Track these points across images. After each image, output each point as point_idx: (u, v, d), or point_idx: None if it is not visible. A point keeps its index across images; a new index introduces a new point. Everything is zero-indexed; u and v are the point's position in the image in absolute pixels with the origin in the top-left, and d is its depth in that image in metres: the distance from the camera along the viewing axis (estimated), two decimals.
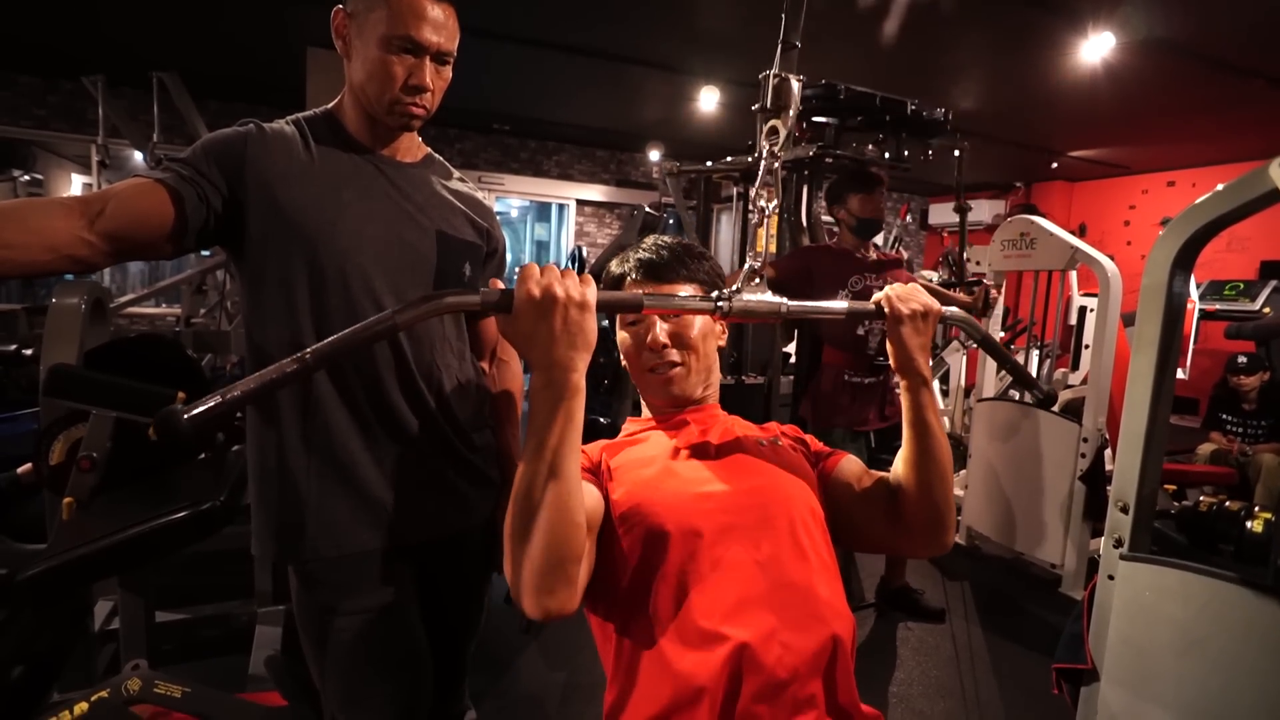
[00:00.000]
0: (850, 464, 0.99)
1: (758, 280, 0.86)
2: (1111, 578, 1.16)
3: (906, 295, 0.90)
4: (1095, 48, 3.81)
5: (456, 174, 1.20)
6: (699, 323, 0.98)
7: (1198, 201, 1.00)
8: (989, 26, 3.72)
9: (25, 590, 1.25)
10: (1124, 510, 1.16)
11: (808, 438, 1.04)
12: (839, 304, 0.92)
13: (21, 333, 3.35)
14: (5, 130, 5.28)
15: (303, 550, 1.01)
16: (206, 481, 1.52)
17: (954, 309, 0.95)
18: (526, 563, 0.72)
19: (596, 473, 0.90)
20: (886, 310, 0.90)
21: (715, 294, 0.85)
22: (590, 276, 0.74)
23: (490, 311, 0.71)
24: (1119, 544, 1.16)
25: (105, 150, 4.06)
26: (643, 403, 1.07)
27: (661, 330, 0.96)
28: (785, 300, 0.86)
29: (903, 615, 2.63)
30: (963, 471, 3.55)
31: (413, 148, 1.13)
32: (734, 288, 0.85)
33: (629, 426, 1.04)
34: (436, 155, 1.19)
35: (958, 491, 3.48)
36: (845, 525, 0.95)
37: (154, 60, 3.91)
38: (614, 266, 1.02)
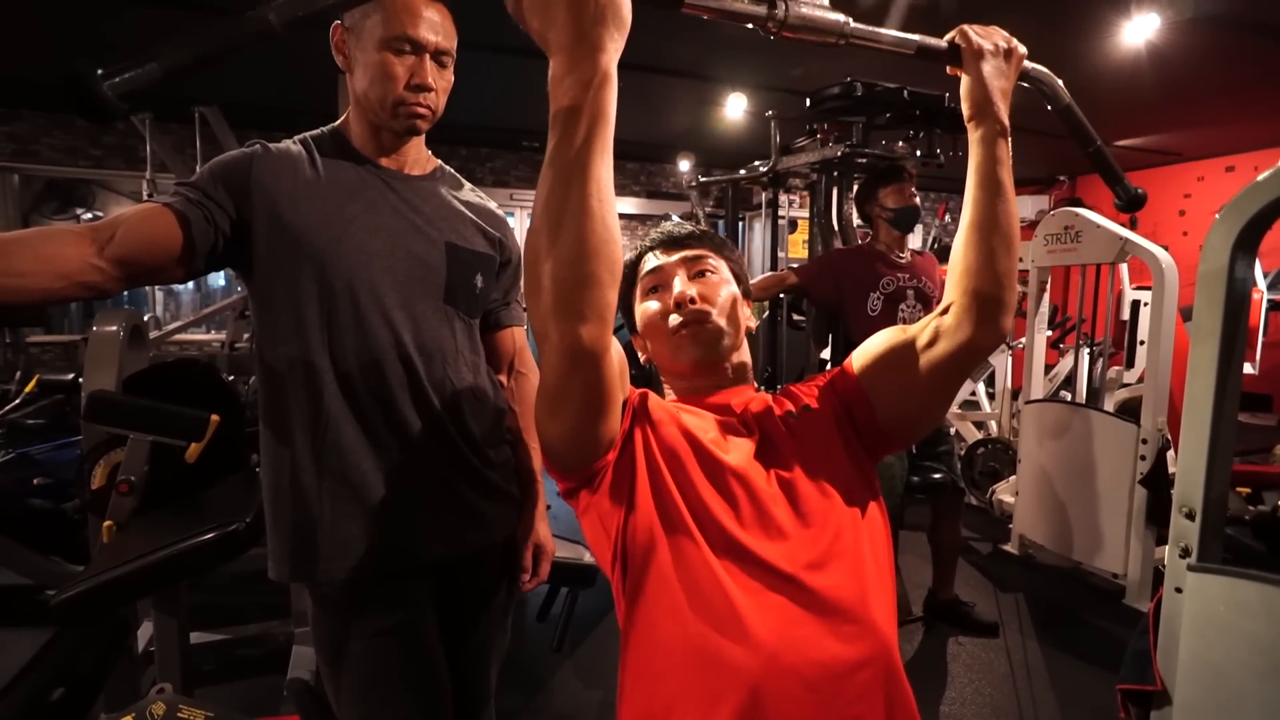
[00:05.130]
0: (867, 344, 0.87)
1: None
2: (1179, 590, 1.07)
3: (985, 31, 0.79)
4: (1139, 29, 3.65)
5: (468, 185, 1.19)
6: (725, 290, 0.89)
7: (1259, 179, 0.91)
8: (1023, 11, 3.58)
9: (60, 612, 1.27)
10: (1189, 517, 1.07)
11: (824, 380, 0.91)
12: (912, 36, 0.79)
13: (80, 362, 3.49)
14: (66, 171, 5.56)
15: (316, 572, 0.99)
16: (239, 501, 1.53)
17: (1036, 66, 0.84)
18: (552, 280, 0.60)
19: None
20: (962, 45, 0.78)
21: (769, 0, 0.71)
22: None
23: None
24: (1185, 553, 1.07)
25: (154, 184, 4.23)
26: (667, 389, 0.94)
27: (688, 286, 0.87)
28: (849, 19, 0.75)
29: (953, 629, 2.51)
30: (1012, 478, 3.39)
31: (420, 160, 1.12)
32: None
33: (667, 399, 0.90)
34: (447, 167, 1.17)
35: (1007, 498, 3.34)
36: (892, 387, 0.83)
37: (196, 95, 4.06)
38: (629, 255, 0.94)
